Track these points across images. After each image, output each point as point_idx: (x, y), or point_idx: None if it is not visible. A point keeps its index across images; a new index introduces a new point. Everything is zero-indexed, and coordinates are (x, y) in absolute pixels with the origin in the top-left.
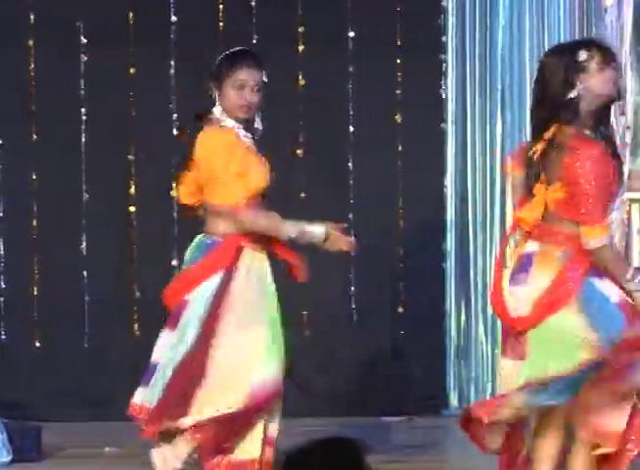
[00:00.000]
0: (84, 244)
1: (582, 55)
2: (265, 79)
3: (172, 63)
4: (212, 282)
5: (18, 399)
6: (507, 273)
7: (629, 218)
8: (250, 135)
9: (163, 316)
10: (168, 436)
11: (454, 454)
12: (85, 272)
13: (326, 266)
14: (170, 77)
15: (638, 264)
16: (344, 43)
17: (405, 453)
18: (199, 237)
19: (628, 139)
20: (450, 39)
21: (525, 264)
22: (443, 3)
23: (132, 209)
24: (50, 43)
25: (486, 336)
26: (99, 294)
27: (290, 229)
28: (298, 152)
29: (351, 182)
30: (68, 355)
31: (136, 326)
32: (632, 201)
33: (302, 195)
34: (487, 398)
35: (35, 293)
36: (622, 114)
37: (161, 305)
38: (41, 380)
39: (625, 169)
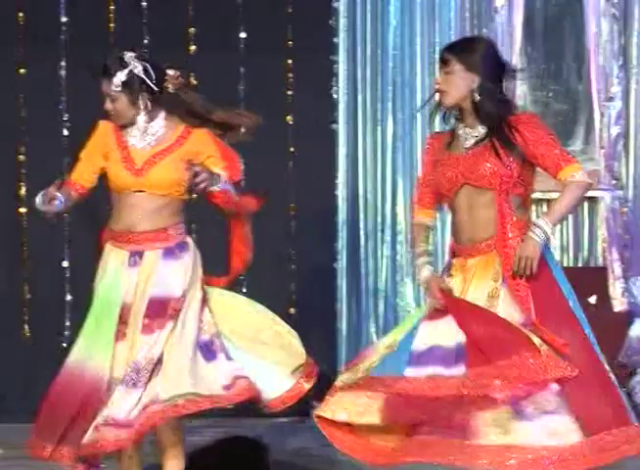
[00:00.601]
0: None
1: None
2: (116, 88)
3: (63, 63)
4: None
5: None
6: None
7: None
8: (148, 137)
9: (55, 317)
10: None
11: (344, 457)
12: None
13: (216, 266)
14: (61, 78)
15: None
16: (235, 44)
17: (299, 454)
18: None
19: None
20: (341, 40)
21: None
22: (334, 4)
23: (23, 210)
24: None
25: (377, 336)
26: None
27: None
28: None
29: (242, 183)
30: None
31: (27, 327)
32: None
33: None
34: None
35: None
36: None
37: (53, 306)
38: None
39: None
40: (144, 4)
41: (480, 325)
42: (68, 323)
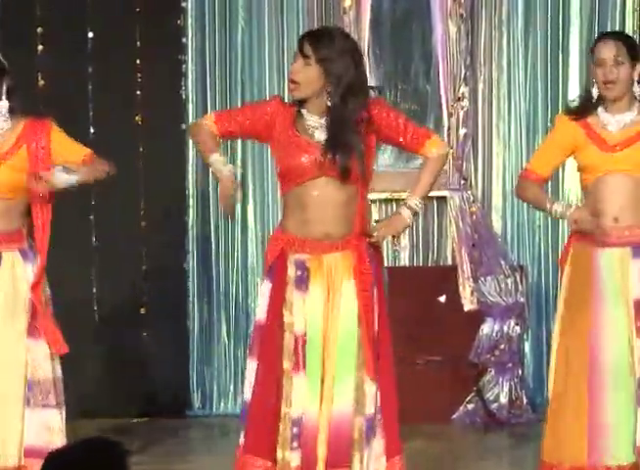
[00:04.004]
0: None
1: None
2: None
3: None
4: None
5: None
6: None
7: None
8: None
9: None
10: None
11: (199, 454)
12: None
13: (66, 266)
14: None
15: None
16: (84, 44)
17: (149, 455)
18: None
19: None
20: (190, 40)
21: None
22: (183, 4)
23: None
24: None
25: (229, 336)
26: None
27: None
28: None
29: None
30: None
31: None
32: (373, 201)
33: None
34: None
35: None
36: None
37: None
38: None
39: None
40: None
41: None
42: None
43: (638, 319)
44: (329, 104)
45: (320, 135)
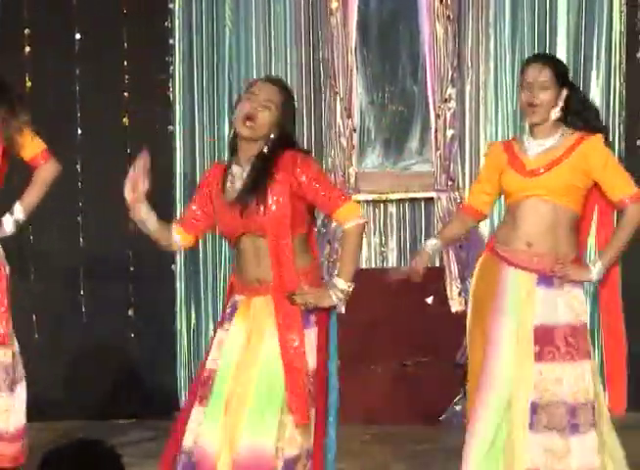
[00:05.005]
0: None
1: None
2: None
3: None
4: None
5: None
6: None
7: None
8: None
9: None
10: None
11: None
12: None
13: (53, 268)
14: None
15: (365, 266)
16: (71, 45)
17: (138, 456)
18: None
19: (355, 141)
20: (177, 41)
21: None
22: (170, 5)
23: None
24: None
25: None
26: None
27: None
28: None
29: (80, 185)
30: None
31: None
32: (359, 202)
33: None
34: None
35: None
36: (349, 116)
37: None
38: None
39: (352, 171)
40: None
41: None
42: None
43: (537, 344)
44: (265, 150)
45: (238, 184)
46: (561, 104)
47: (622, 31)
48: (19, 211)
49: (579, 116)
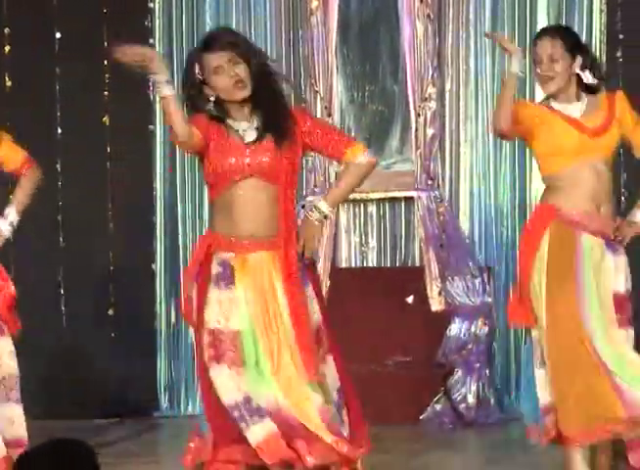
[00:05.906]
0: None
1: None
2: None
3: None
4: None
5: None
6: None
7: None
8: None
9: None
10: None
11: (167, 455)
12: None
13: (34, 266)
14: None
15: (345, 265)
16: (51, 44)
17: (118, 455)
18: None
19: None
20: (157, 41)
21: None
22: (150, 5)
23: None
24: None
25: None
26: None
27: None
28: None
29: (60, 184)
30: None
31: None
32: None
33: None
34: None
35: None
36: (329, 115)
37: None
38: None
39: (332, 171)
40: None
41: None
42: None
43: (617, 311)
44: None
45: (251, 136)
46: (577, 70)
47: (602, 30)
48: (13, 214)
49: (593, 74)
